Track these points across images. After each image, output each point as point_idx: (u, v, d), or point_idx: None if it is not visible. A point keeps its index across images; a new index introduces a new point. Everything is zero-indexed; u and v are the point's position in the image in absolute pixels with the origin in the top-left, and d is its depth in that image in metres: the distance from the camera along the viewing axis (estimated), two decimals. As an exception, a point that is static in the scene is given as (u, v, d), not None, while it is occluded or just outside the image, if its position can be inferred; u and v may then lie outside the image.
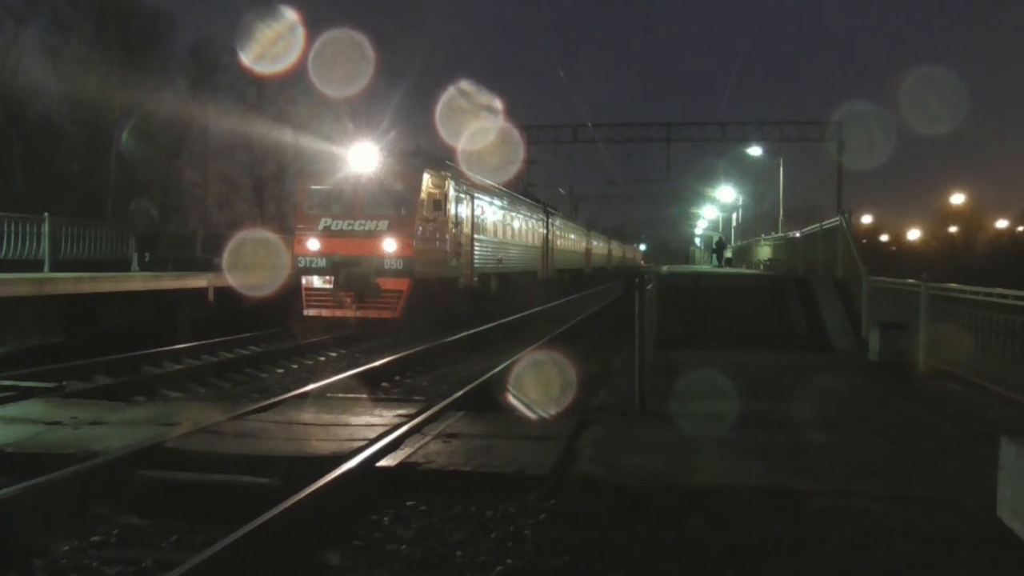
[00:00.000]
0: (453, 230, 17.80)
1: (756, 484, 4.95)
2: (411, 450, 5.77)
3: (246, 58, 34.23)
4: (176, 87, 38.59)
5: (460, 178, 19.03)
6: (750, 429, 6.46)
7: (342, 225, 15.88)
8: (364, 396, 9.01)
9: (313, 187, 16.69)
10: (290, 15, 32.32)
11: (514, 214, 24.67)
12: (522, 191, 32.28)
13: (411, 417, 6.87)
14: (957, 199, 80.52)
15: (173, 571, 3.65)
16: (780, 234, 29.79)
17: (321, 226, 15.96)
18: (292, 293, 16.24)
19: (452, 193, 17.74)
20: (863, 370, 9.88)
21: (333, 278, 15.70)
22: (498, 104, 34.65)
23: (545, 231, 29.97)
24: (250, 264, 18.25)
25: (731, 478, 5.10)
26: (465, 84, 31.06)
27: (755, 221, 49.20)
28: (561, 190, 53.91)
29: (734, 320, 13.73)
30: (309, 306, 15.87)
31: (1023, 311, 7.49)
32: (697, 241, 68.39)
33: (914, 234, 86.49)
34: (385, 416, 6.97)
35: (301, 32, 31.99)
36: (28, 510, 4.62)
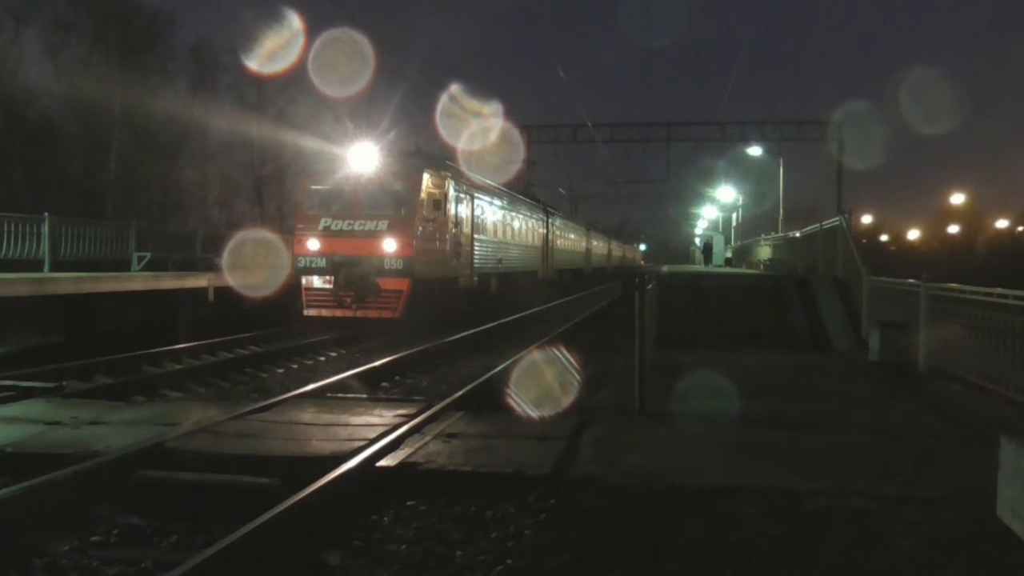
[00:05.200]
0: (453, 230, 17.80)
1: (756, 484, 4.95)
2: (411, 450, 5.76)
3: (246, 58, 34.29)
4: (176, 87, 38.60)
5: (460, 178, 19.03)
6: (750, 429, 6.46)
7: (342, 225, 15.89)
8: (364, 396, 9.01)
9: (313, 187, 16.69)
10: (290, 15, 32.37)
11: (514, 214, 24.67)
12: (522, 191, 32.27)
13: (411, 417, 6.87)
14: (957, 199, 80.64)
15: (173, 571, 3.65)
16: (780, 234, 29.81)
17: (321, 226, 15.96)
18: (292, 293, 16.25)
19: (452, 193, 17.74)
20: (863, 370, 9.87)
21: (333, 278, 15.70)
22: (489, 109, 34.63)
23: (545, 231, 29.97)
24: (250, 264, 18.25)
25: (731, 478, 5.09)
26: (455, 89, 31.00)
27: (755, 221, 49.29)
28: (561, 190, 54.06)
29: (734, 320, 13.74)
30: (309, 306, 15.87)
31: (1023, 311, 7.49)
32: (697, 241, 68.45)
33: (914, 234, 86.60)
34: (385, 416, 6.97)
35: (301, 32, 32.03)
36: (28, 510, 4.62)
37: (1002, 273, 26.25)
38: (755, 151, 38.56)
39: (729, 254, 42.85)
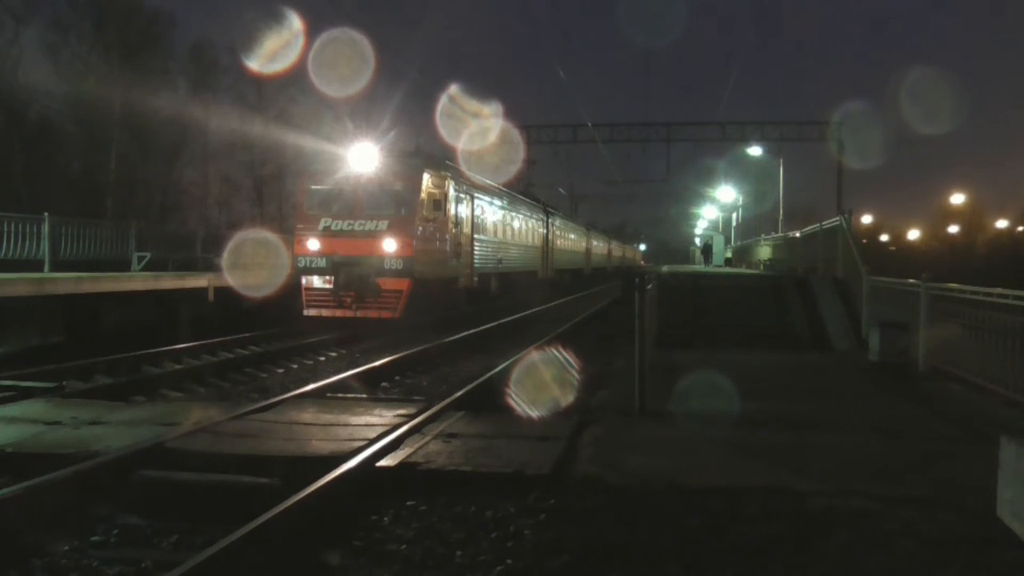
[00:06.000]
0: (453, 230, 17.80)
1: (756, 484, 4.95)
2: (411, 450, 5.77)
3: (246, 59, 34.30)
4: (176, 87, 38.57)
5: (460, 178, 19.03)
6: (750, 429, 6.47)
7: (342, 225, 15.90)
8: (364, 396, 9.02)
9: (313, 187, 16.70)
10: (290, 15, 32.37)
11: (514, 214, 24.67)
12: (522, 191, 32.27)
13: (411, 417, 6.87)
14: (957, 199, 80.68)
15: (173, 571, 3.65)
16: (780, 234, 29.80)
17: (321, 226, 15.97)
18: (292, 293, 16.25)
19: (452, 193, 17.74)
20: (863, 370, 9.88)
21: (333, 278, 15.71)
22: (489, 109, 34.62)
23: (545, 231, 29.97)
24: (250, 264, 18.25)
25: (731, 478, 5.10)
26: (455, 90, 30.99)
27: (755, 221, 49.29)
28: (561, 190, 54.00)
29: (734, 320, 13.74)
30: (309, 306, 15.88)
31: (1023, 311, 7.49)
32: (697, 241, 68.55)
33: (914, 234, 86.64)
34: (385, 416, 6.97)
35: (301, 32, 32.03)
36: (28, 510, 4.62)
37: (1002, 273, 26.25)
38: (755, 151, 38.57)
39: (729, 254, 42.87)
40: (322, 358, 13.35)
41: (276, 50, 33.07)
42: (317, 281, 15.90)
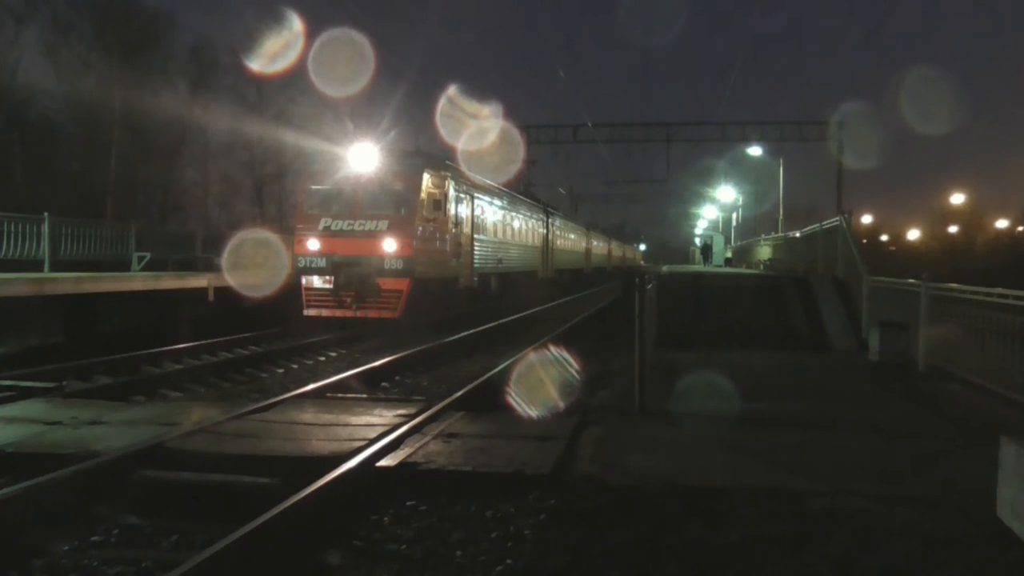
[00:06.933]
0: (453, 230, 17.80)
1: (756, 484, 4.95)
2: (411, 450, 5.77)
3: (247, 59, 34.33)
4: (176, 87, 38.61)
5: (460, 178, 19.04)
6: (750, 429, 6.46)
7: (342, 225, 15.90)
8: (364, 396, 9.02)
9: (313, 187, 16.70)
10: (290, 16, 32.40)
11: (514, 214, 24.67)
12: (522, 191, 32.28)
13: (411, 417, 6.87)
14: (957, 199, 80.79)
15: (173, 571, 3.65)
16: (780, 234, 29.79)
17: (321, 226, 15.98)
18: (292, 293, 16.25)
19: (452, 193, 17.74)
20: (863, 370, 9.87)
21: (333, 278, 15.71)
22: (488, 110, 34.63)
23: (545, 231, 29.97)
24: (250, 264, 18.25)
25: (731, 478, 5.10)
26: (453, 92, 30.98)
27: (755, 221, 49.28)
28: (561, 190, 53.99)
29: (734, 320, 13.73)
30: (309, 306, 15.89)
31: (1023, 311, 7.49)
32: (697, 241, 68.56)
33: (914, 234, 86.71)
34: (385, 416, 6.97)
35: (301, 32, 32.05)
36: (28, 510, 4.62)
37: (1002, 273, 26.24)
38: (755, 151, 38.58)
39: (729, 254, 42.89)
40: (322, 358, 13.35)
41: (276, 50, 33.10)
42: (317, 281, 15.91)
